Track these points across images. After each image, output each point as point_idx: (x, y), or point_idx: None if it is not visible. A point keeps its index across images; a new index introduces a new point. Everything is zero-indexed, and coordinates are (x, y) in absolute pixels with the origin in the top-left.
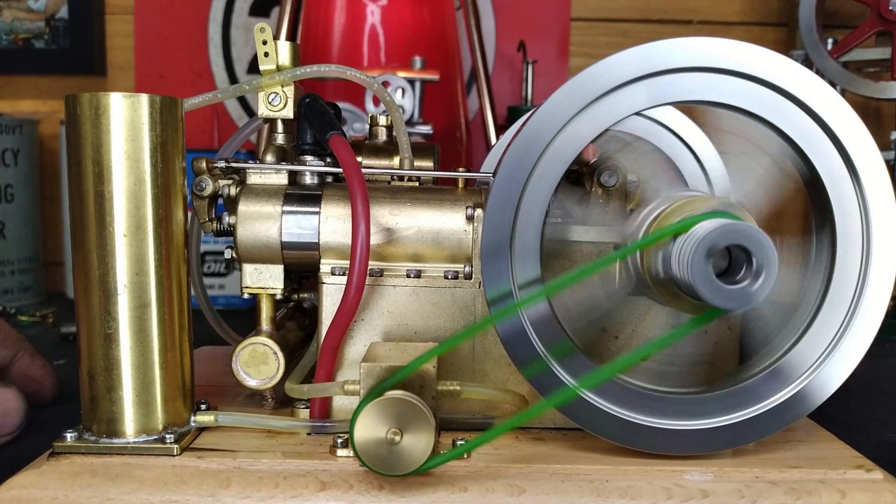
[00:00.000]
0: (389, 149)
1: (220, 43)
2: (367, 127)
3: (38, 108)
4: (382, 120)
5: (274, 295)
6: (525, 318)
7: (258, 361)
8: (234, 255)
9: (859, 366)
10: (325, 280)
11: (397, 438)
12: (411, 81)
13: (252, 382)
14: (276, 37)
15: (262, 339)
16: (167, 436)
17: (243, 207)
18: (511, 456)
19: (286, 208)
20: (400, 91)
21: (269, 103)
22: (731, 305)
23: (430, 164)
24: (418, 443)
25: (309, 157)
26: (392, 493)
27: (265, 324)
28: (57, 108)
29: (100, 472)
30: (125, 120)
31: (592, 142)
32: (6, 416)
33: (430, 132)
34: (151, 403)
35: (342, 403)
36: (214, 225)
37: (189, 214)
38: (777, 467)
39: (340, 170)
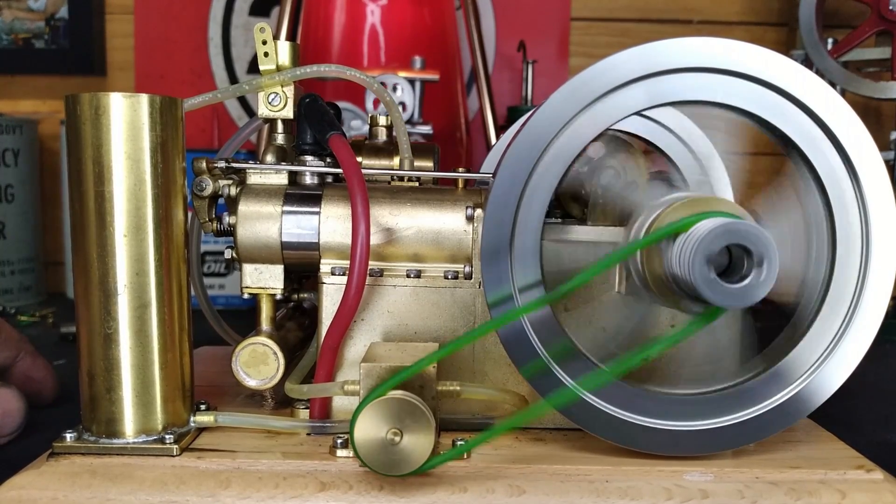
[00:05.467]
0: (389, 149)
1: (220, 43)
2: (367, 127)
3: (38, 108)
4: (382, 120)
5: (274, 295)
6: (525, 318)
7: (258, 361)
8: (234, 255)
9: (859, 366)
10: (325, 280)
11: (397, 438)
12: (411, 81)
13: (252, 383)
14: (276, 37)
15: (262, 339)
16: (167, 436)
17: (243, 207)
18: (511, 456)
19: (286, 208)
20: (400, 91)
21: (269, 103)
22: (732, 304)
23: (430, 164)
24: (418, 443)
25: (309, 158)
26: (392, 494)
27: (265, 324)
28: (57, 108)
29: (99, 472)
30: (125, 120)
31: (592, 142)
32: (6, 417)
33: (430, 132)
34: (151, 404)
35: (342, 403)
36: (214, 225)
37: (189, 214)
38: (777, 468)
39: (340, 170)
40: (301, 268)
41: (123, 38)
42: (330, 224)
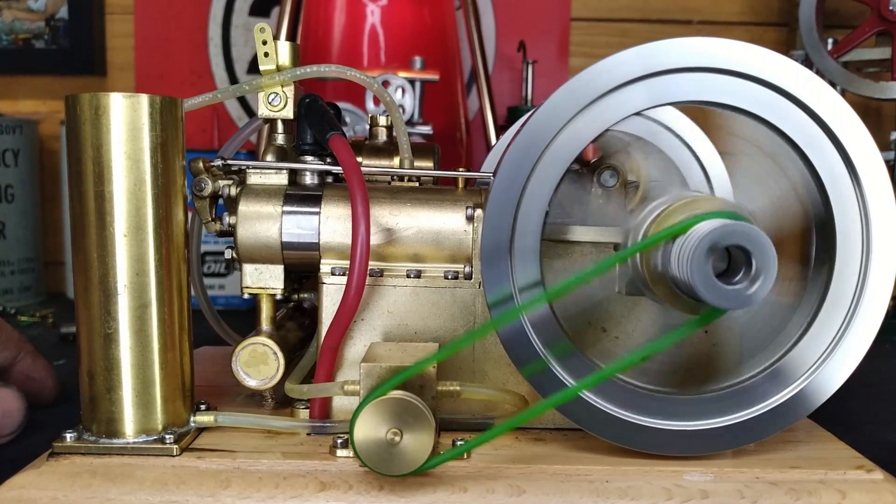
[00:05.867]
0: (389, 149)
1: (220, 43)
2: (367, 127)
3: (38, 108)
4: (382, 120)
5: (274, 295)
6: (525, 318)
7: (258, 361)
8: (234, 255)
9: (859, 366)
10: (325, 280)
11: (397, 438)
12: (411, 81)
13: (252, 383)
14: (276, 37)
15: (262, 339)
16: (167, 436)
17: (243, 207)
18: (511, 456)
19: (286, 208)
20: (400, 91)
21: (269, 103)
22: (731, 306)
23: (430, 164)
24: (418, 443)
25: (309, 158)
26: (392, 493)
27: (265, 324)
28: (57, 108)
29: (99, 472)
30: (125, 120)
31: (592, 142)
32: (6, 417)
33: (430, 132)
34: (151, 404)
35: (342, 403)
36: (215, 225)
37: (189, 214)
38: (777, 468)
39: (340, 170)
40: (301, 268)
41: (123, 38)
42: (330, 224)
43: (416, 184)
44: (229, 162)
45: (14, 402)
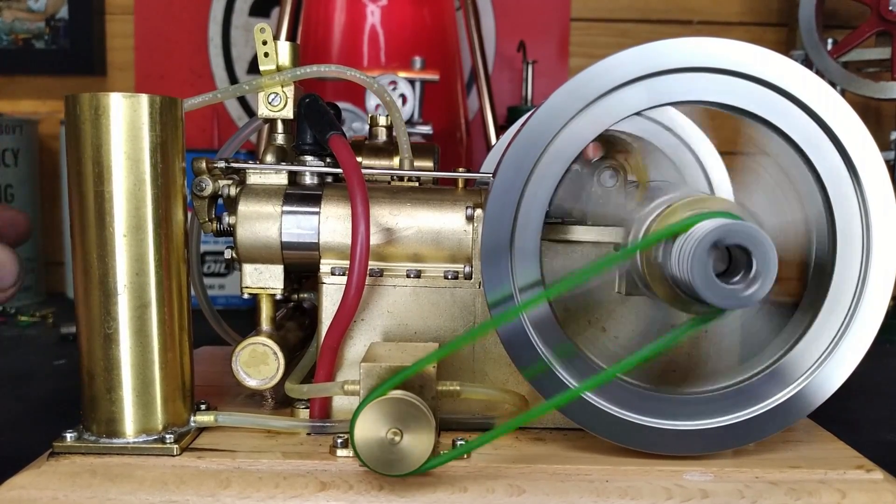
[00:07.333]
0: (389, 149)
1: (220, 43)
2: (367, 127)
3: (38, 108)
4: (382, 120)
5: (274, 295)
6: (525, 319)
7: (258, 361)
8: (234, 255)
9: (859, 366)
10: (325, 280)
11: (397, 438)
12: (411, 81)
13: (252, 382)
14: (276, 37)
15: (262, 339)
16: (167, 436)
17: (243, 207)
18: (511, 456)
19: (286, 208)
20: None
21: (269, 103)
22: (731, 305)
23: (430, 164)
24: (418, 443)
25: (309, 158)
26: (392, 493)
27: (265, 324)
28: (57, 108)
29: (100, 472)
30: (125, 120)
31: (592, 142)
32: (2, 269)
33: (430, 132)
34: (151, 403)
35: (342, 403)
36: (214, 225)
37: (189, 214)
38: (777, 467)
39: (340, 170)
40: (301, 268)
41: (123, 38)
42: (330, 224)
43: (416, 184)
44: (232, 164)
45: (3, 253)
